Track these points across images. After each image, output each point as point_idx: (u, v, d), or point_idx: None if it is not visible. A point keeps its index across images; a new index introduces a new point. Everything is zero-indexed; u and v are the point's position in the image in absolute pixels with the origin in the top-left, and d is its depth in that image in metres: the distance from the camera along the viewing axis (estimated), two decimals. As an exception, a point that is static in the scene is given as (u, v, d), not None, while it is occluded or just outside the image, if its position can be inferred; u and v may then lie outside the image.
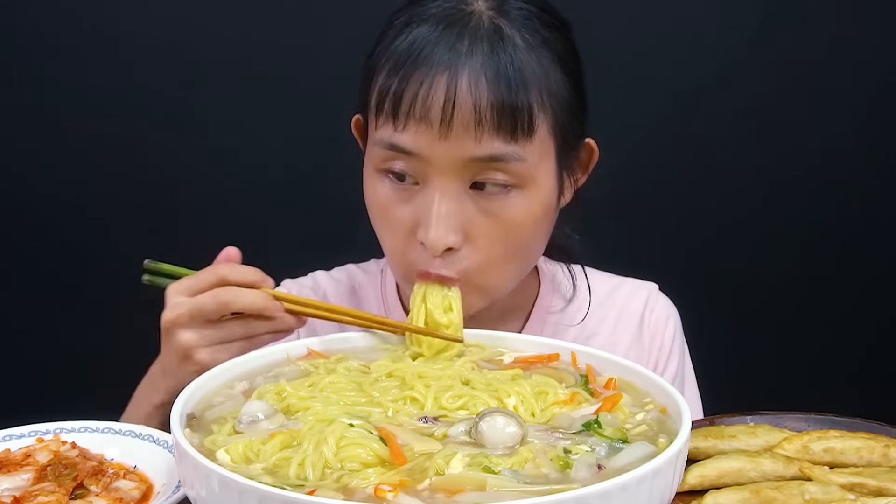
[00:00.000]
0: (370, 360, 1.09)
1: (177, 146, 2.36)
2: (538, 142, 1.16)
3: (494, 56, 1.14)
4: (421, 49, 1.14)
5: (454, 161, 1.14)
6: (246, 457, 0.87)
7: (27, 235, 2.39)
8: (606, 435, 0.91)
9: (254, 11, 2.32)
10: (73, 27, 2.31)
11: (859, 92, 2.41)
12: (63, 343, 2.32)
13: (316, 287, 1.48)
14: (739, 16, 2.36)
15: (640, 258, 1.52)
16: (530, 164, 1.16)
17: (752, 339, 2.46)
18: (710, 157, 2.42)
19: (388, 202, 1.20)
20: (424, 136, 1.13)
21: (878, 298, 2.50)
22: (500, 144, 1.13)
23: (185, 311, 1.12)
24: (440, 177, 1.15)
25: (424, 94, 1.12)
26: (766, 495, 0.96)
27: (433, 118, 1.12)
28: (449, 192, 1.15)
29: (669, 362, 1.45)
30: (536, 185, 1.19)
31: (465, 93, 1.12)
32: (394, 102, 1.14)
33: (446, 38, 1.14)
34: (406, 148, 1.15)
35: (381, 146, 1.17)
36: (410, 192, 1.18)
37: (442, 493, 0.81)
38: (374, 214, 1.24)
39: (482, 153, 1.13)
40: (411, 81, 1.13)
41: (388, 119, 1.15)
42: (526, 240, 1.22)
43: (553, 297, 1.43)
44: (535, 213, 1.20)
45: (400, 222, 1.19)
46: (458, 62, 1.13)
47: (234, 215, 2.37)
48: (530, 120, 1.14)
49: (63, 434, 1.15)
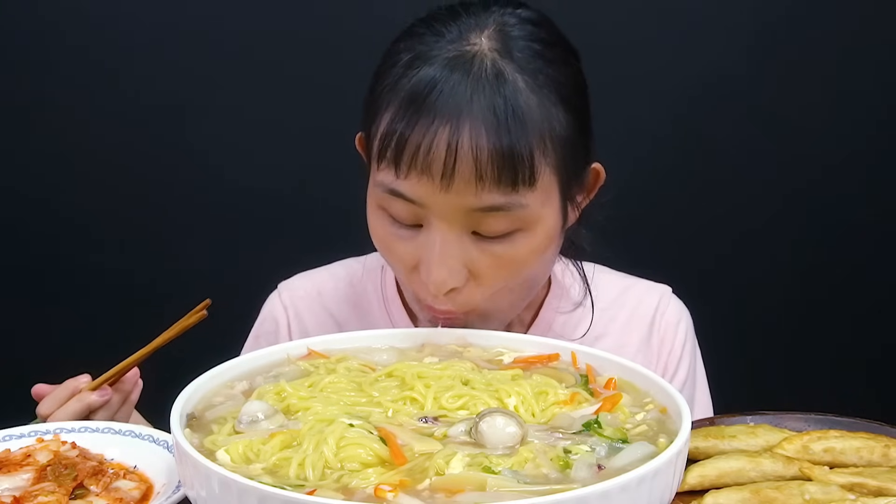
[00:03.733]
0: (370, 360, 1.09)
1: (173, 146, 2.36)
2: (541, 188, 1.15)
3: (496, 104, 1.12)
4: (424, 96, 1.13)
5: (455, 210, 1.13)
6: (246, 457, 0.87)
7: (27, 236, 2.39)
8: (606, 435, 0.91)
9: (253, 11, 2.32)
10: (74, 26, 2.31)
11: (873, 94, 2.41)
12: (63, 343, 2.32)
13: (311, 288, 1.47)
14: (754, 20, 2.36)
15: (643, 258, 1.52)
16: (533, 209, 1.15)
17: (753, 339, 2.46)
18: (723, 161, 2.42)
19: (390, 237, 1.20)
20: (426, 187, 1.12)
21: (882, 301, 2.50)
22: (499, 196, 1.12)
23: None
24: (441, 222, 1.14)
25: (426, 147, 1.11)
26: (766, 495, 0.96)
27: (434, 172, 1.11)
28: (450, 238, 1.15)
29: (679, 368, 1.44)
30: (540, 224, 1.17)
31: (465, 147, 1.11)
32: (396, 152, 1.13)
33: (449, 86, 1.13)
34: (407, 196, 1.14)
35: (382, 189, 1.17)
36: (411, 233, 1.18)
37: (442, 493, 0.81)
38: (376, 243, 1.24)
39: (483, 204, 1.13)
40: (414, 131, 1.12)
41: (391, 166, 1.14)
42: (530, 275, 1.21)
43: (561, 299, 1.42)
44: (540, 250, 1.19)
45: (403, 258, 1.19)
46: (461, 112, 1.11)
47: (234, 215, 2.37)
48: (531, 169, 1.13)
49: (63, 434, 1.15)
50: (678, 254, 2.32)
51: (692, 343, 1.47)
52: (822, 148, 2.42)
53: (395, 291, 1.42)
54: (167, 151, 2.37)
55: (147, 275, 2.33)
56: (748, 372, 2.26)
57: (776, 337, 2.49)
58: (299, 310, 1.45)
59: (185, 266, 2.29)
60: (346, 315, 1.44)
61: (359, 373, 1.05)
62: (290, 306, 1.45)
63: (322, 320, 1.44)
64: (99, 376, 1.30)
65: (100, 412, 1.27)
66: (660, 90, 2.35)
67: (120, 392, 1.30)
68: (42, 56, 2.32)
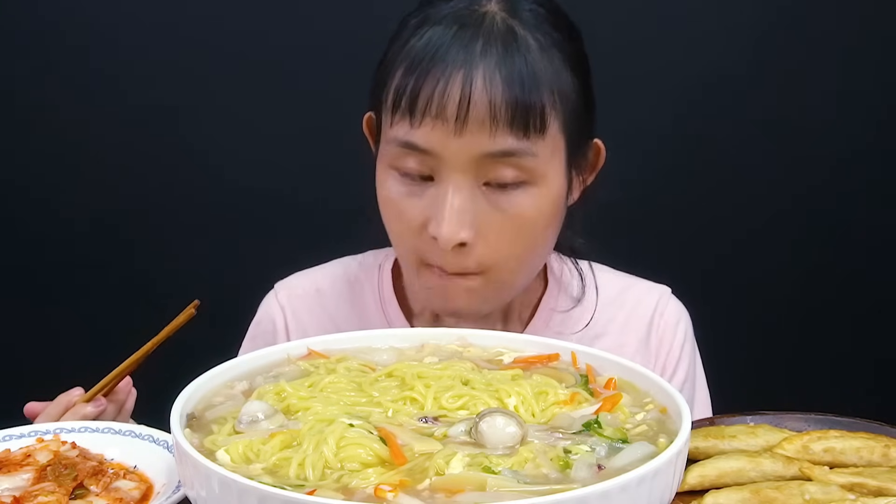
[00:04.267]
0: (370, 360, 1.09)
1: (171, 146, 2.36)
2: (549, 139, 1.20)
3: (508, 56, 1.17)
4: (436, 49, 1.17)
5: (468, 157, 1.17)
6: (246, 457, 0.87)
7: (27, 236, 2.39)
8: (606, 435, 0.91)
9: (253, 11, 2.32)
10: (74, 26, 2.31)
11: (874, 94, 2.41)
12: (63, 344, 2.33)
13: (308, 287, 1.47)
14: (754, 21, 2.36)
15: (643, 258, 1.52)
16: (541, 160, 1.19)
17: (753, 339, 2.46)
18: (723, 162, 2.42)
19: (400, 197, 1.23)
20: (440, 132, 1.16)
21: (882, 301, 2.50)
22: (512, 140, 1.17)
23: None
24: (453, 173, 1.18)
25: (441, 92, 1.16)
26: (766, 495, 0.96)
27: (449, 115, 1.15)
28: (462, 188, 1.18)
29: (678, 368, 1.44)
30: (546, 181, 1.21)
31: (480, 90, 1.15)
32: (410, 101, 1.17)
33: (460, 39, 1.17)
34: (421, 145, 1.18)
35: (395, 144, 1.20)
36: (422, 188, 1.21)
37: (442, 493, 0.81)
38: (385, 209, 1.26)
39: (495, 148, 1.17)
40: (427, 80, 1.17)
41: (405, 117, 1.18)
42: (536, 236, 1.24)
43: (560, 297, 1.43)
44: (545, 210, 1.23)
45: (411, 217, 1.22)
46: (473, 61, 1.16)
47: (233, 215, 2.37)
48: (542, 118, 1.17)
49: (63, 434, 1.15)
50: (678, 254, 2.32)
51: (691, 344, 1.47)
52: (823, 148, 2.42)
53: (391, 292, 1.43)
54: (165, 152, 2.37)
55: (146, 275, 2.33)
56: (748, 372, 2.26)
57: (776, 337, 2.49)
58: (296, 309, 1.45)
59: (185, 266, 2.29)
60: (343, 314, 1.44)
61: (359, 373, 1.05)
62: (287, 306, 1.45)
63: (319, 319, 1.44)
64: (97, 378, 1.30)
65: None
66: (659, 91, 2.35)
67: (114, 402, 1.30)
68: (42, 56, 2.32)
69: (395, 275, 1.45)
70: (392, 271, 1.44)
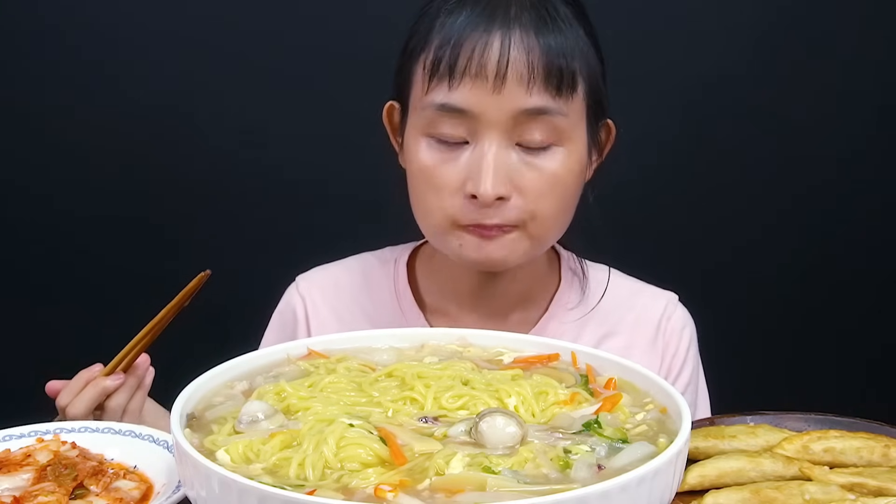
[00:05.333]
0: (370, 360, 1.09)
1: (184, 144, 2.36)
2: (577, 102, 1.28)
3: (541, 21, 1.26)
4: (472, 19, 1.26)
5: (505, 114, 1.25)
6: (246, 457, 0.87)
7: (27, 236, 2.39)
8: (606, 435, 0.91)
9: (258, 9, 2.31)
10: (76, 25, 2.31)
11: (874, 94, 2.40)
12: (64, 344, 2.32)
13: (327, 279, 1.52)
14: (755, 21, 2.36)
15: (643, 259, 1.52)
16: (570, 121, 1.28)
17: (753, 339, 2.46)
18: (724, 163, 2.42)
19: (434, 164, 1.29)
20: (479, 91, 1.24)
21: (882, 301, 2.50)
22: (547, 98, 1.25)
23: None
24: (490, 131, 1.25)
25: (480, 53, 1.24)
26: (766, 495, 0.96)
27: (489, 72, 1.23)
28: (498, 146, 1.26)
29: (683, 371, 1.47)
30: (574, 143, 1.30)
31: (517, 50, 1.24)
32: (451, 61, 1.25)
33: (494, 9, 1.26)
34: (459, 105, 1.25)
35: (432, 108, 1.27)
36: (457, 153, 1.28)
37: (442, 493, 0.81)
38: (417, 178, 1.32)
39: (532, 105, 1.25)
40: (466, 44, 1.25)
41: (443, 81, 1.25)
42: (567, 194, 1.31)
43: (571, 292, 1.47)
44: (573, 169, 1.30)
45: (446, 181, 1.28)
46: (509, 26, 1.25)
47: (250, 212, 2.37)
48: (573, 79, 1.26)
49: (63, 434, 1.15)
50: (678, 255, 2.32)
51: (695, 350, 1.50)
52: (824, 149, 2.42)
53: (405, 284, 1.47)
54: (191, 152, 2.36)
55: (159, 276, 2.32)
56: (748, 372, 2.26)
57: (776, 337, 2.49)
58: (315, 300, 1.50)
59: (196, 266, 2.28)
60: (359, 305, 1.49)
61: (359, 373, 1.05)
62: (307, 296, 1.50)
63: (336, 310, 1.49)
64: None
65: (115, 397, 1.31)
66: (659, 91, 2.35)
67: (133, 377, 1.33)
68: (43, 55, 2.31)
69: (410, 268, 1.49)
70: (407, 265, 1.49)
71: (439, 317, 1.45)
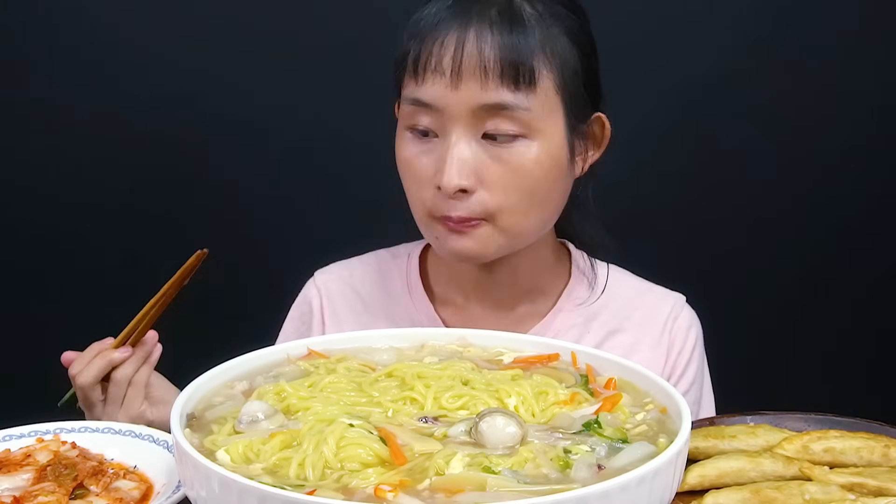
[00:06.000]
0: (370, 360, 1.09)
1: (193, 141, 2.35)
2: (542, 95, 1.29)
3: (501, 17, 1.28)
4: (437, 18, 1.30)
5: (465, 109, 1.27)
6: (246, 457, 0.87)
7: (27, 235, 2.39)
8: (606, 435, 0.91)
9: (262, 8, 2.31)
10: (80, 24, 2.31)
11: (874, 94, 2.40)
12: (64, 343, 2.32)
13: (343, 274, 1.56)
14: (754, 21, 2.36)
15: (642, 257, 1.52)
16: (535, 114, 1.28)
17: (753, 339, 2.46)
18: (722, 162, 2.42)
19: (413, 156, 1.33)
20: (439, 86, 1.28)
21: (882, 301, 2.50)
22: (505, 92, 1.27)
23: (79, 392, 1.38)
24: (454, 125, 1.28)
25: (437, 50, 1.28)
26: (766, 495, 0.96)
27: (445, 68, 1.27)
28: (462, 140, 1.29)
29: (688, 369, 1.48)
30: (544, 136, 1.30)
31: (471, 45, 1.27)
32: (414, 60, 1.30)
33: (458, 6, 1.30)
34: (425, 100, 1.30)
35: (406, 103, 1.33)
36: (432, 145, 1.32)
37: (442, 493, 0.81)
38: (401, 169, 1.37)
39: (489, 100, 1.27)
40: (427, 41, 1.29)
41: (412, 76, 1.31)
42: (537, 186, 1.31)
43: (581, 288, 1.49)
44: (543, 162, 1.30)
45: (422, 173, 1.33)
46: (469, 22, 1.28)
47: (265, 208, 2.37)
48: (531, 72, 1.27)
49: (63, 434, 1.15)
50: (677, 254, 2.32)
51: (701, 350, 1.52)
52: (823, 148, 2.42)
53: (417, 278, 1.51)
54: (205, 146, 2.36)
55: (161, 277, 2.32)
56: (748, 372, 2.26)
57: (776, 337, 2.49)
58: (331, 293, 1.54)
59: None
60: (373, 298, 1.53)
61: (359, 373, 1.05)
62: (322, 289, 1.55)
63: (351, 302, 1.53)
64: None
65: (121, 368, 1.37)
66: (659, 91, 2.35)
67: (142, 351, 1.39)
68: (43, 55, 2.31)
69: (423, 262, 1.53)
70: (420, 259, 1.53)
71: (448, 308, 1.48)
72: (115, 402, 1.37)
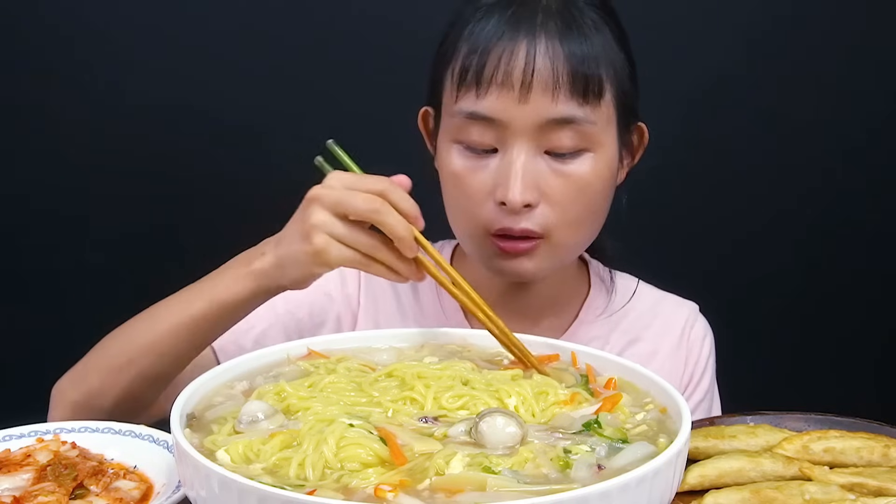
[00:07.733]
0: (370, 360, 1.09)
1: (193, 141, 2.35)
2: (605, 108, 1.27)
3: (567, 29, 1.25)
4: (498, 27, 1.26)
5: (532, 123, 1.24)
6: (246, 457, 0.87)
7: (27, 235, 2.39)
8: (606, 435, 0.91)
9: (264, 9, 2.31)
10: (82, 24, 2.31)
11: (877, 94, 2.40)
12: (63, 343, 2.32)
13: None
14: (755, 21, 2.35)
15: (643, 258, 1.52)
16: (599, 128, 1.27)
17: (753, 339, 2.46)
18: (724, 163, 2.42)
19: (465, 171, 1.29)
20: (505, 100, 1.24)
21: (882, 301, 2.50)
22: (574, 106, 1.25)
23: (332, 195, 1.12)
24: (518, 139, 1.25)
25: (506, 62, 1.24)
26: (766, 495, 0.96)
27: (514, 82, 1.24)
28: (525, 154, 1.25)
29: (703, 378, 1.50)
30: (603, 149, 1.29)
31: (543, 58, 1.24)
32: (477, 70, 1.25)
33: (520, 16, 1.26)
34: (486, 114, 1.25)
35: (461, 116, 1.28)
36: (486, 161, 1.28)
37: (442, 493, 0.81)
38: (449, 183, 1.33)
39: (557, 114, 1.24)
40: (492, 53, 1.25)
41: (471, 88, 1.26)
42: (596, 200, 1.31)
43: (600, 299, 1.49)
44: (604, 175, 1.30)
45: (476, 188, 1.29)
46: (535, 33, 1.25)
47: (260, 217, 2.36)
48: (600, 86, 1.26)
49: (63, 434, 1.15)
50: (678, 253, 2.32)
51: (713, 360, 1.53)
52: (824, 148, 2.42)
53: None
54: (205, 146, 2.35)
55: (165, 278, 2.32)
56: (748, 372, 2.26)
57: (776, 337, 2.49)
58: (373, 286, 1.48)
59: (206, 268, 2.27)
60: (401, 304, 1.48)
61: (359, 373, 1.05)
62: (363, 282, 1.48)
63: (388, 294, 1.48)
64: None
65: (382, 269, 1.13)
66: (660, 91, 2.34)
67: None
68: (44, 55, 2.31)
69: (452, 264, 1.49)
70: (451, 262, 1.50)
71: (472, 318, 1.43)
72: (343, 252, 1.12)
